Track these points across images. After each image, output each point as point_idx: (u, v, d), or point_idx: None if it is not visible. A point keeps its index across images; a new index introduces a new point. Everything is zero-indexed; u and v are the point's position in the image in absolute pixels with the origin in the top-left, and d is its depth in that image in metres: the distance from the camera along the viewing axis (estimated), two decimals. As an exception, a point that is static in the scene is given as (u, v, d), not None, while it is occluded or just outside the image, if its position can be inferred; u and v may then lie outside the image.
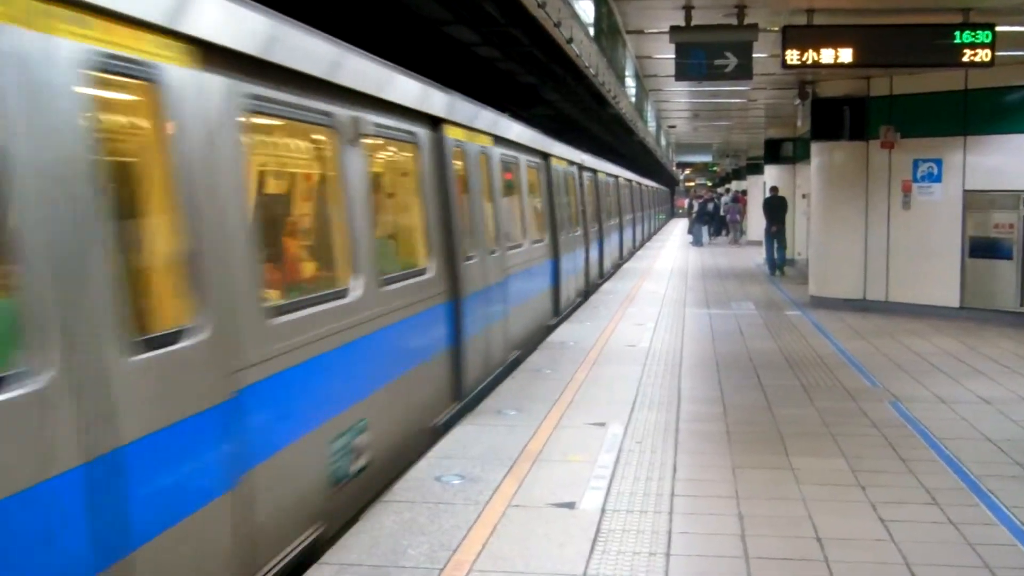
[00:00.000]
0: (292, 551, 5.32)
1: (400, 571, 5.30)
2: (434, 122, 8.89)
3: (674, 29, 12.03)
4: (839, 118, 17.65)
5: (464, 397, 9.19)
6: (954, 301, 16.32)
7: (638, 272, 25.79)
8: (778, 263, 25.52)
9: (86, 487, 3.62)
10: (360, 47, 7.03)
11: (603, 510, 6.34)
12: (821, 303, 18.06)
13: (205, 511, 4.50)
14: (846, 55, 11.66)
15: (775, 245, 25.55)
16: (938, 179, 16.54)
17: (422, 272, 8.34)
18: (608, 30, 17.19)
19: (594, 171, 22.32)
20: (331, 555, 5.52)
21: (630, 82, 22.64)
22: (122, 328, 3.88)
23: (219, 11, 4.84)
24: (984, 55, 11.50)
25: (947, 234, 16.34)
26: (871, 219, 17.47)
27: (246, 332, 4.96)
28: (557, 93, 18.61)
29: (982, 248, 16.06)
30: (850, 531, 6.10)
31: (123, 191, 4.20)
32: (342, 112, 6.52)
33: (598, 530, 5.98)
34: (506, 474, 7.08)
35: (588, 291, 19.46)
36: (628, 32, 16.27)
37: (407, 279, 7.86)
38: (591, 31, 15.54)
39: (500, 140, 11.67)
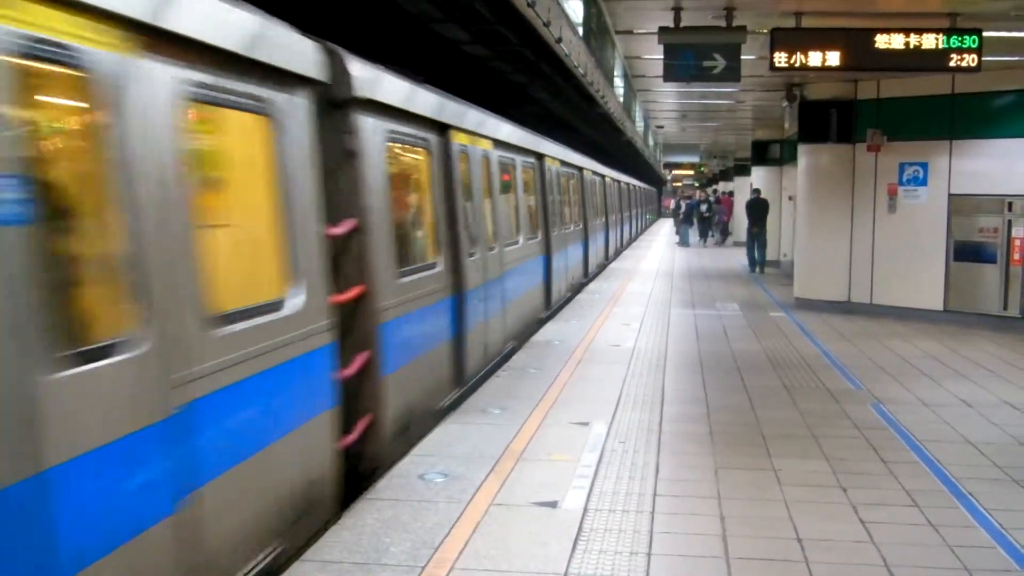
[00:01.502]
0: None
1: (382, 569, 5.31)
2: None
3: (663, 30, 12.05)
4: (826, 121, 17.69)
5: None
6: (938, 304, 16.39)
7: (624, 272, 25.83)
8: (758, 261, 26.59)
9: None
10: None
11: (585, 509, 6.36)
12: (806, 305, 18.11)
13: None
14: (834, 58, 11.70)
15: (755, 245, 26.71)
16: (924, 183, 16.60)
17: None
18: (597, 30, 17.21)
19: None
20: (313, 552, 5.53)
21: (619, 82, 22.67)
22: None
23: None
24: (971, 60, 11.54)
25: (932, 237, 16.40)
26: (857, 222, 17.53)
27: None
28: (546, 92, 18.59)
29: (967, 252, 16.13)
30: (830, 532, 6.14)
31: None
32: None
33: (580, 529, 6.00)
34: (489, 473, 7.09)
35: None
36: (617, 32, 16.30)
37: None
38: (580, 31, 15.55)
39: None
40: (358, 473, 6.89)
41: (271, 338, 5.38)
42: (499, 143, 12.22)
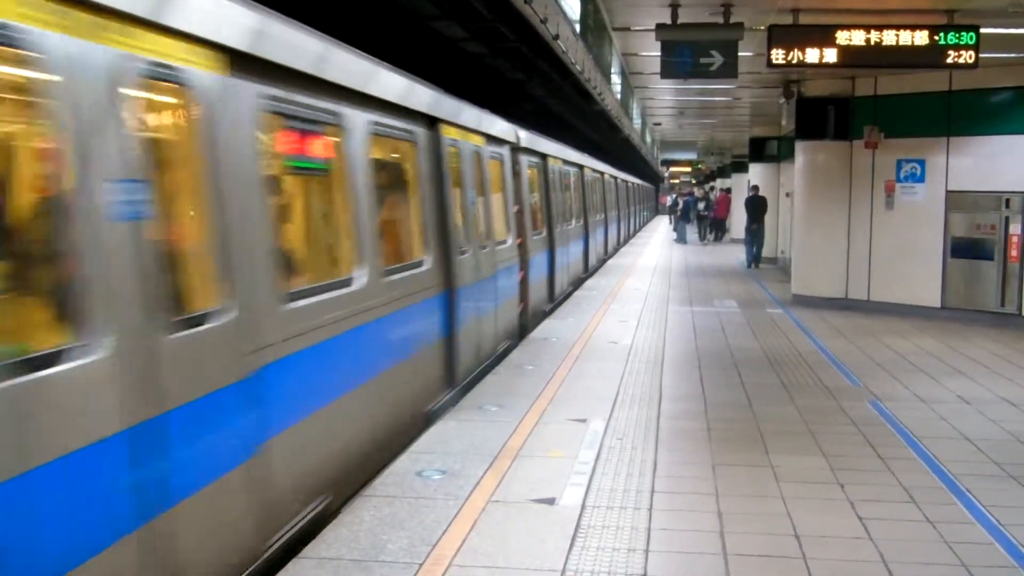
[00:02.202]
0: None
1: (380, 566, 5.30)
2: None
3: (660, 27, 12.04)
4: (823, 118, 17.70)
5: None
6: (936, 301, 16.41)
7: (622, 269, 25.82)
8: (755, 257, 27.21)
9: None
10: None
11: (583, 506, 6.36)
12: (803, 302, 18.12)
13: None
14: (831, 55, 11.70)
15: (753, 241, 27.38)
16: (921, 179, 16.61)
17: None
18: (595, 27, 17.20)
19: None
20: (310, 549, 5.52)
21: (616, 79, 22.66)
22: None
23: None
24: (968, 57, 11.54)
25: (929, 234, 16.42)
26: (854, 218, 17.54)
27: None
28: (543, 89, 18.58)
29: (964, 249, 16.14)
30: (828, 528, 6.14)
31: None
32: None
33: (578, 526, 5.99)
34: (487, 469, 7.09)
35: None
36: (614, 29, 16.28)
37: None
38: (577, 28, 15.55)
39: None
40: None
41: (413, 285, 8.37)
42: (536, 153, 14.79)
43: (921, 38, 11.55)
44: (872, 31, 11.59)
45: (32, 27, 3.55)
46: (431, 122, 9.30)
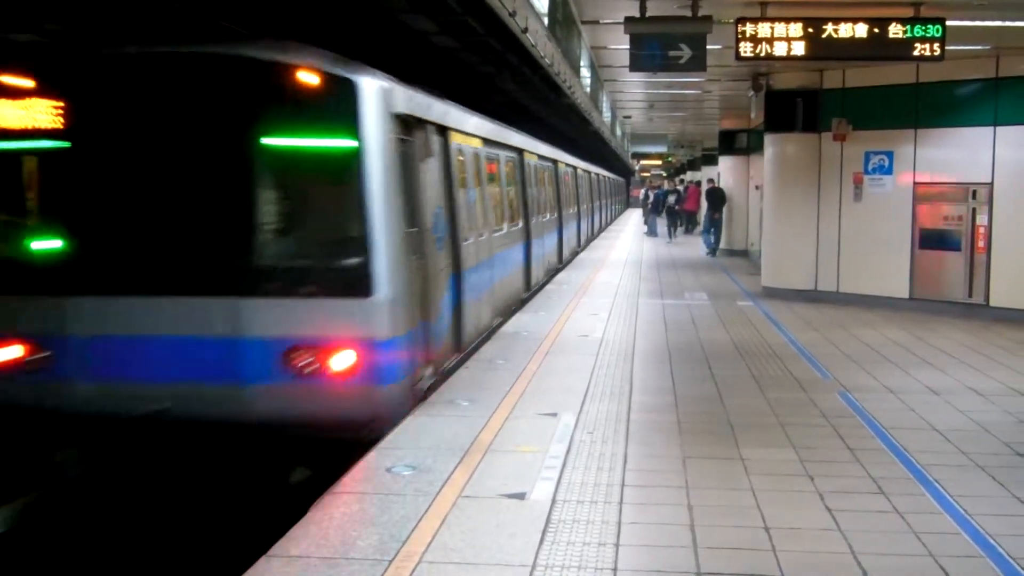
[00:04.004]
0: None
1: (349, 563, 5.27)
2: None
3: (629, 20, 12.02)
4: (792, 110, 17.79)
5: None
6: (904, 292, 16.51)
7: (593, 262, 25.84)
8: (714, 245, 29.34)
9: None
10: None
11: (554, 501, 6.35)
12: (773, 294, 18.20)
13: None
14: (799, 48, 11.72)
15: (713, 229, 29.52)
16: (889, 171, 16.70)
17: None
18: (563, 20, 17.17)
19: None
20: (279, 547, 5.49)
21: (585, 72, 22.65)
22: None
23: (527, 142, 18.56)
24: (934, 49, 11.60)
25: (897, 226, 16.51)
26: (823, 211, 17.63)
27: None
28: (513, 83, 18.54)
29: (932, 240, 16.26)
30: (798, 521, 6.17)
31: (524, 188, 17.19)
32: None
33: (548, 520, 5.98)
34: (457, 465, 7.06)
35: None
36: (583, 22, 16.28)
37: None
38: (546, 21, 15.52)
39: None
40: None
41: (517, 236, 16.01)
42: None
43: (888, 30, 11.60)
44: (839, 23, 11.63)
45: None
46: (520, 151, 17.34)
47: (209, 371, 7.70)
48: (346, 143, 7.93)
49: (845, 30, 11.64)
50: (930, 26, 11.54)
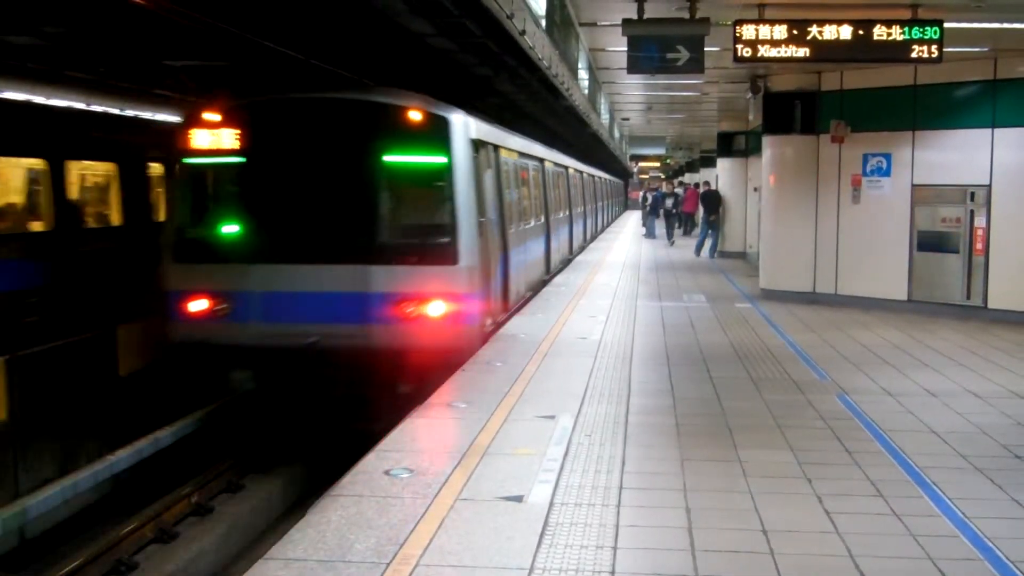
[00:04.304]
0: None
1: (347, 566, 5.26)
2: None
3: (626, 22, 12.01)
4: (790, 112, 17.80)
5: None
6: (902, 294, 16.51)
7: (591, 264, 25.83)
8: (711, 245, 29.58)
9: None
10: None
11: (551, 503, 6.34)
12: (771, 296, 18.20)
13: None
14: (796, 50, 11.66)
15: (708, 231, 29.93)
16: (887, 173, 16.70)
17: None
18: (561, 22, 17.18)
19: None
20: (276, 550, 5.48)
21: (583, 74, 22.66)
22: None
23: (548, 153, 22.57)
24: (932, 51, 11.60)
25: (895, 228, 16.51)
26: (821, 213, 17.63)
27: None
28: (511, 85, 18.56)
29: (930, 242, 16.26)
30: (796, 523, 6.16)
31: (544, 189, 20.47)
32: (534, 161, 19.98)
33: (546, 524, 5.97)
34: (455, 467, 7.06)
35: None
36: (581, 24, 16.28)
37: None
38: (543, 23, 15.52)
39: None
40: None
41: (540, 228, 19.19)
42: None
43: (886, 32, 11.60)
44: (837, 25, 11.63)
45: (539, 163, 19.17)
46: (541, 160, 20.24)
47: (344, 315, 11.08)
48: (441, 159, 11.45)
49: (843, 32, 11.64)
50: (928, 28, 11.54)
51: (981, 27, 12.65)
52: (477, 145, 12.20)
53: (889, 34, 11.60)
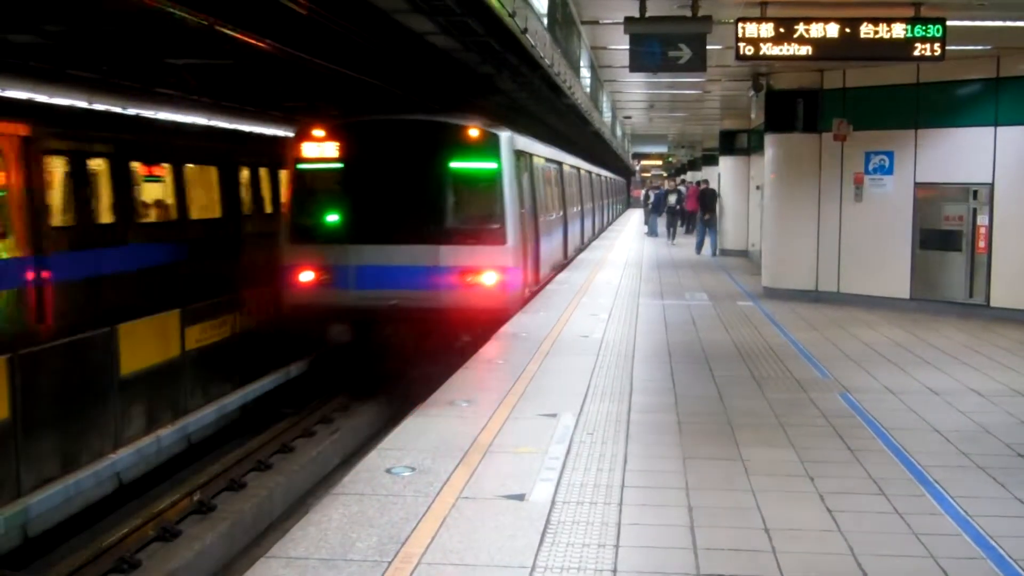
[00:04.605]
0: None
1: (348, 564, 5.26)
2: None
3: (628, 20, 12.00)
4: (792, 110, 17.77)
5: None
6: (905, 292, 16.49)
7: (593, 262, 25.82)
8: (712, 244, 29.77)
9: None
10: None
11: (553, 502, 6.34)
12: (774, 294, 18.19)
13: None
14: (799, 48, 11.63)
15: (705, 229, 30.50)
16: (890, 171, 16.68)
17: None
18: (563, 20, 17.15)
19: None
20: (278, 548, 5.48)
21: (585, 72, 22.63)
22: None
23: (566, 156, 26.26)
24: (935, 49, 11.58)
25: (898, 226, 16.49)
26: (823, 211, 17.61)
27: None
28: (513, 83, 18.54)
29: (932, 240, 16.24)
30: (798, 521, 6.16)
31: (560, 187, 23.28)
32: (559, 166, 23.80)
33: (548, 522, 5.97)
34: (457, 465, 7.05)
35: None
36: (583, 22, 16.25)
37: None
38: (545, 21, 15.50)
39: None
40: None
41: (559, 220, 22.52)
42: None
43: (888, 31, 11.58)
44: (840, 24, 11.61)
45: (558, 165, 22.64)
46: (559, 163, 22.95)
47: (419, 283, 14.29)
48: (493, 165, 14.78)
49: (845, 30, 11.62)
50: (930, 26, 11.52)
51: (984, 25, 12.62)
52: (518, 154, 15.68)
53: (891, 32, 11.58)
